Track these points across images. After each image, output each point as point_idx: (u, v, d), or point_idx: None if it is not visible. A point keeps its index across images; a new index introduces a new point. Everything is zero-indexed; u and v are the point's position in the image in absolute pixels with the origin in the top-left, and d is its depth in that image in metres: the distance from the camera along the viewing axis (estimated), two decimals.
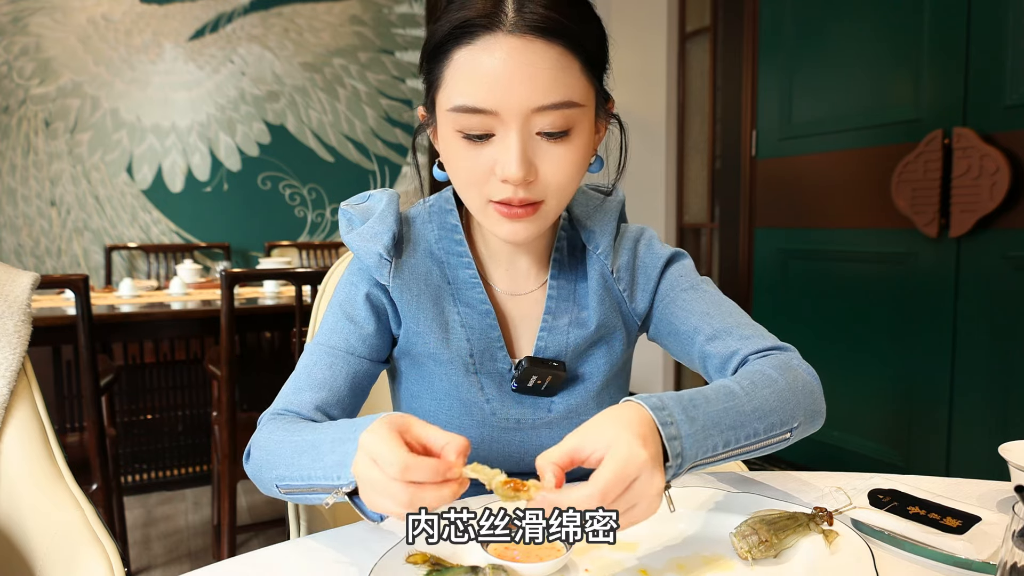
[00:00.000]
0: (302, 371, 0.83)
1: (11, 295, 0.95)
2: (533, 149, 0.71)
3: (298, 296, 1.93)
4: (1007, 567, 0.49)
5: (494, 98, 0.68)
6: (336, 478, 0.65)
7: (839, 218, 2.69)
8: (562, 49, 0.69)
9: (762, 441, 0.71)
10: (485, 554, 0.61)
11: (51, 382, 2.58)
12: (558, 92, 0.69)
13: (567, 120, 0.70)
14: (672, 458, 0.62)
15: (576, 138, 0.72)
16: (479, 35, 0.68)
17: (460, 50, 0.69)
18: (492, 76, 0.68)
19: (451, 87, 0.71)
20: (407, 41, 4.41)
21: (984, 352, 2.22)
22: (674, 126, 3.83)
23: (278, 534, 2.41)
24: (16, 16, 3.60)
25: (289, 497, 0.74)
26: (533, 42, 0.68)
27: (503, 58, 0.68)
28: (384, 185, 4.40)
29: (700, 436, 0.65)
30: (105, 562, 0.78)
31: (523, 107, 0.68)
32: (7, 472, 0.88)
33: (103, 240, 3.83)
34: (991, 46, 2.14)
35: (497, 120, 0.69)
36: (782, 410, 0.73)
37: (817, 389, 0.80)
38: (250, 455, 0.80)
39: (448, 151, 0.75)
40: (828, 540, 0.65)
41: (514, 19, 0.68)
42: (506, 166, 0.70)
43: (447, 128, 0.73)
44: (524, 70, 0.68)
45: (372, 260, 0.82)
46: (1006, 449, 0.80)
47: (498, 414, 0.85)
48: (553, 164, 0.72)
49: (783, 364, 0.78)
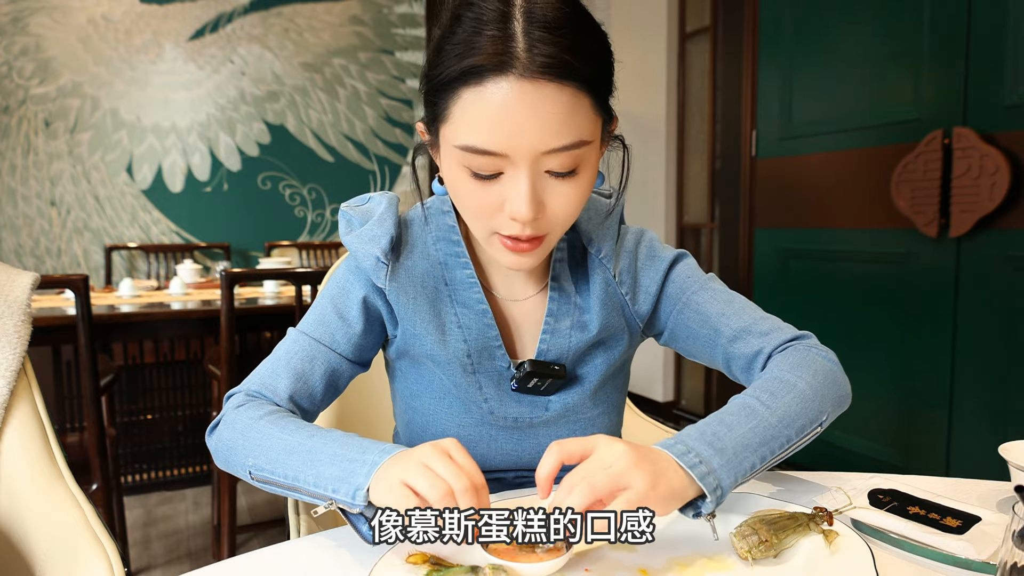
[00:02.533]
0: (281, 356, 0.84)
1: (11, 295, 0.95)
2: (542, 187, 0.71)
3: (298, 296, 1.93)
4: (1007, 567, 0.49)
5: (504, 142, 0.67)
6: (331, 491, 0.67)
7: (839, 218, 2.69)
8: (573, 90, 0.67)
9: (795, 444, 0.74)
10: (485, 554, 0.61)
11: (51, 382, 2.58)
12: (569, 134, 0.68)
13: (576, 159, 0.70)
14: (710, 493, 0.65)
15: (583, 173, 0.72)
16: (488, 77, 0.66)
17: (467, 90, 0.67)
18: (502, 120, 0.66)
19: (458, 125, 0.69)
20: (407, 41, 4.41)
21: (984, 352, 2.22)
22: (674, 126, 3.83)
23: (278, 534, 2.41)
24: (16, 16, 3.60)
25: (260, 485, 0.75)
26: (545, 85, 0.66)
27: (513, 102, 0.66)
28: (384, 185, 4.40)
29: (733, 463, 0.68)
30: (105, 562, 0.78)
31: (533, 150, 0.67)
32: (7, 472, 0.88)
33: (103, 240, 3.83)
34: (991, 46, 2.14)
35: (506, 161, 0.68)
36: (808, 411, 0.76)
37: (839, 373, 0.82)
38: (218, 431, 0.81)
39: (454, 182, 0.74)
40: (828, 540, 0.65)
41: (525, 61, 0.65)
42: (516, 207, 0.69)
43: (453, 160, 0.72)
44: (536, 114, 0.66)
45: (369, 263, 0.82)
46: (1006, 449, 0.80)
47: (496, 413, 0.86)
48: (561, 201, 0.72)
49: (800, 362, 0.79)
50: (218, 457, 0.80)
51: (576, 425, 0.88)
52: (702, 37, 3.68)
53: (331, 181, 4.29)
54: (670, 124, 3.82)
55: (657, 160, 3.87)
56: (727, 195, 3.40)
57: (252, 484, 0.77)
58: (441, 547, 0.64)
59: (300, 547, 0.70)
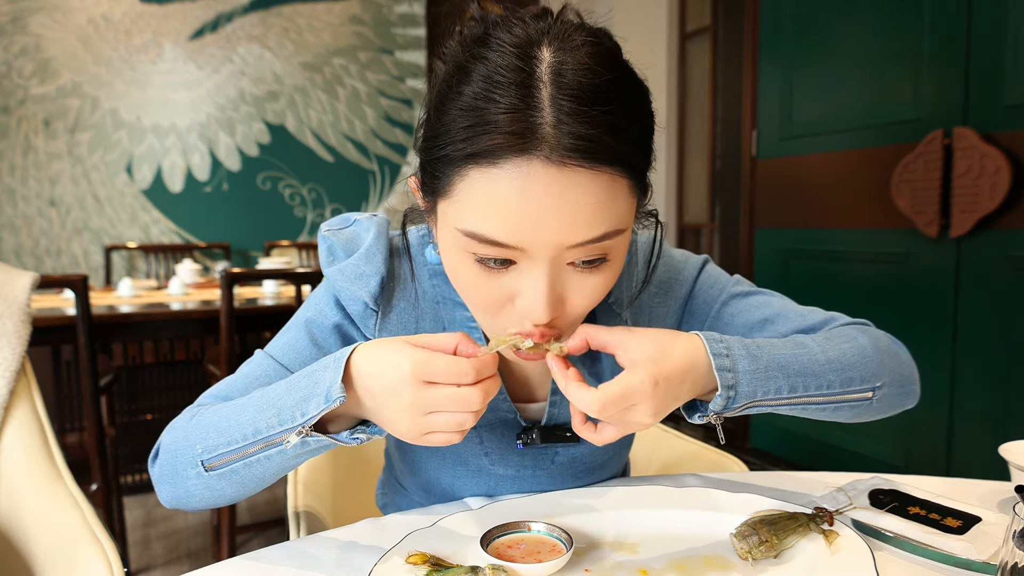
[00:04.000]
0: (241, 377, 0.73)
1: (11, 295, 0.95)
2: (562, 281, 0.58)
3: (298, 296, 1.93)
4: (1007, 567, 0.49)
5: (521, 235, 0.54)
6: (300, 415, 0.59)
7: (839, 218, 2.69)
8: (611, 175, 0.54)
9: (838, 395, 0.68)
10: (485, 554, 0.61)
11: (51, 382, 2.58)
12: (601, 226, 0.55)
13: (604, 249, 0.58)
14: (723, 388, 0.62)
15: (613, 261, 0.60)
16: (504, 157, 0.53)
17: (478, 169, 0.54)
18: (520, 210, 0.53)
19: (465, 207, 0.56)
20: (407, 41, 4.41)
21: (984, 352, 2.22)
22: (674, 126, 3.83)
23: (278, 534, 2.41)
24: (16, 16, 3.60)
25: (215, 475, 0.64)
26: (576, 172, 0.53)
27: (536, 191, 0.53)
28: (384, 185, 4.40)
29: (761, 376, 0.63)
30: (105, 562, 0.78)
31: (556, 245, 0.55)
32: (7, 472, 0.88)
33: (102, 240, 3.83)
34: (991, 46, 2.14)
35: (522, 254, 0.56)
36: (862, 366, 0.70)
37: (904, 355, 0.77)
38: (159, 451, 0.70)
39: (454, 266, 0.61)
40: (828, 540, 0.65)
41: (552, 141, 0.52)
42: (531, 305, 0.57)
43: (454, 243, 0.59)
44: (562, 205, 0.53)
45: (356, 308, 0.73)
46: (1006, 449, 0.80)
47: (497, 464, 0.78)
48: (584, 295, 0.60)
49: (867, 330, 0.76)
50: (163, 475, 0.68)
51: (582, 472, 0.82)
52: (702, 37, 3.68)
53: (331, 181, 4.29)
54: (670, 124, 3.82)
55: (657, 160, 3.87)
56: (727, 195, 3.40)
57: (207, 484, 0.65)
58: (441, 547, 0.64)
59: (300, 547, 0.70)
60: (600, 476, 0.85)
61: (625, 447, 0.90)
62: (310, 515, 0.97)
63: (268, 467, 0.63)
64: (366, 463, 1.14)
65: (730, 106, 3.37)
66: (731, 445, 3.20)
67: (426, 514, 0.75)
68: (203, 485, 0.66)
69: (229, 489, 0.66)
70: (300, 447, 0.60)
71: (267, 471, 0.64)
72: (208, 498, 0.67)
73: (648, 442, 1.21)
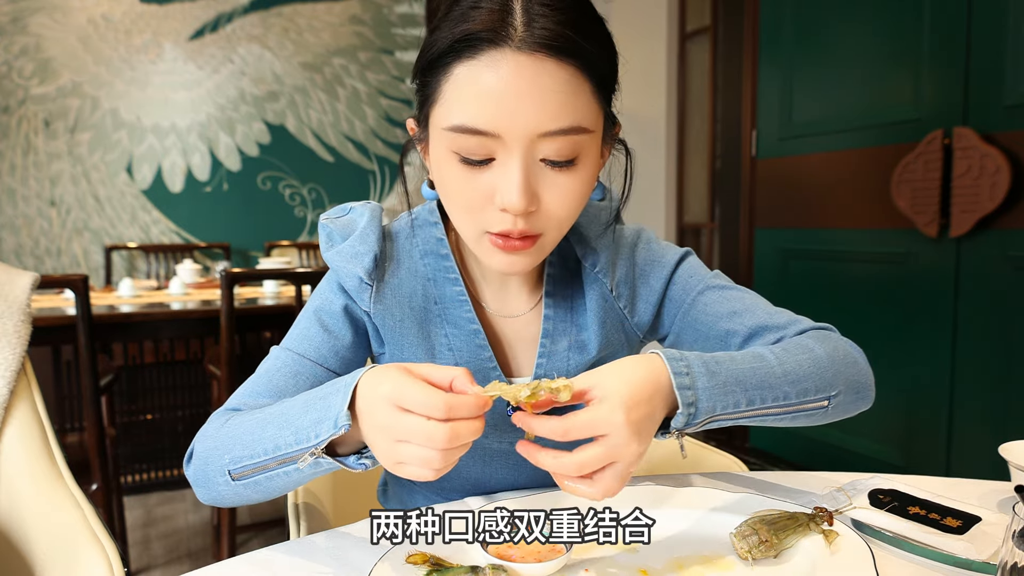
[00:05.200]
0: (263, 375, 0.77)
1: (11, 295, 0.95)
2: (536, 177, 0.66)
3: (298, 296, 1.93)
4: (1007, 567, 0.49)
5: (497, 120, 0.63)
6: (314, 436, 0.62)
7: (839, 218, 2.69)
8: (574, 70, 0.63)
9: (795, 406, 0.70)
10: (485, 554, 0.61)
11: (51, 382, 2.58)
12: (567, 117, 0.63)
13: (574, 147, 0.65)
14: (683, 407, 0.64)
15: (582, 167, 0.67)
16: (483, 50, 0.62)
17: (461, 65, 0.63)
18: (496, 96, 0.62)
19: (449, 104, 0.65)
20: (407, 41, 4.41)
21: (984, 352, 2.22)
22: (674, 126, 3.83)
23: (278, 534, 2.41)
24: (16, 16, 3.60)
25: (240, 484, 0.69)
26: (543, 61, 0.62)
27: (509, 77, 0.62)
28: (384, 184, 4.41)
29: (720, 391, 0.65)
30: (105, 562, 0.78)
31: (529, 131, 0.63)
32: (7, 472, 0.88)
33: (103, 240, 3.83)
34: (991, 46, 2.14)
35: (499, 143, 0.64)
36: (818, 376, 0.72)
37: (861, 361, 0.78)
38: (192, 456, 0.75)
39: (442, 173, 0.69)
40: (828, 540, 0.65)
41: (523, 34, 0.62)
42: (507, 195, 0.64)
43: (441, 147, 0.67)
44: (532, 91, 0.62)
45: (352, 283, 0.78)
46: (1006, 449, 0.80)
47: (490, 438, 0.80)
48: (557, 194, 0.67)
49: (824, 337, 0.77)
50: (200, 483, 0.74)
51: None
52: (702, 37, 3.68)
53: (331, 181, 4.29)
54: (670, 124, 3.82)
55: (657, 160, 3.87)
56: (727, 195, 3.40)
57: (235, 491, 0.70)
58: (441, 547, 0.64)
59: (300, 547, 0.70)
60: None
61: None
62: (310, 514, 0.98)
63: (287, 481, 0.68)
64: None
65: (730, 106, 3.37)
66: (731, 445, 3.20)
67: None
68: (231, 491, 0.71)
69: (255, 496, 0.71)
70: (313, 467, 0.64)
71: (287, 484, 0.69)
72: (237, 501, 0.73)
73: None
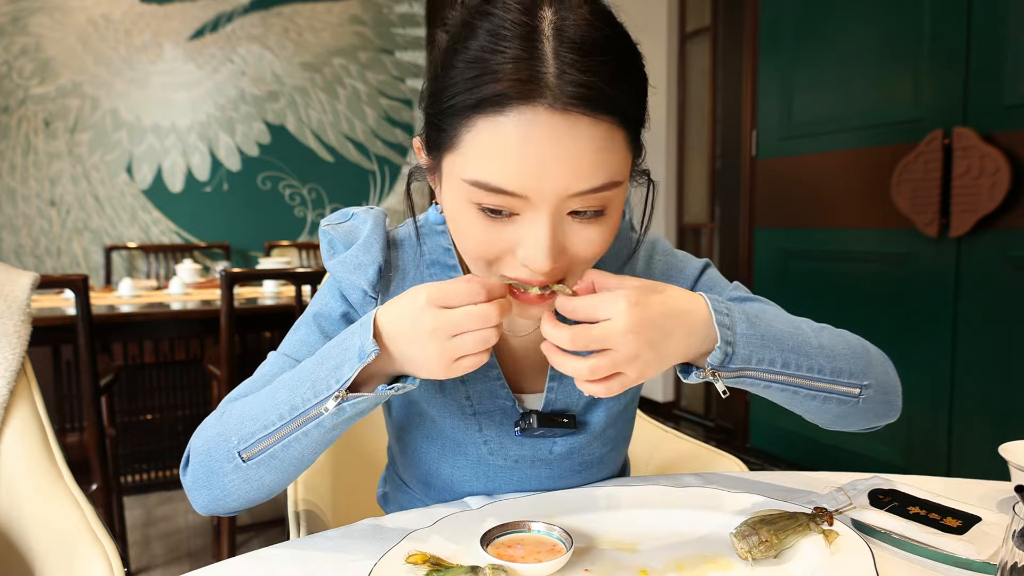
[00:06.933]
0: (258, 379, 0.74)
1: (11, 295, 0.95)
2: (563, 231, 0.61)
3: (298, 296, 1.93)
4: (1007, 567, 0.49)
5: (524, 181, 0.57)
6: (335, 382, 0.62)
7: (839, 218, 2.69)
8: (609, 123, 0.57)
9: (827, 383, 0.69)
10: (485, 554, 0.61)
11: (51, 382, 2.58)
12: (601, 175, 0.58)
13: (604, 200, 0.60)
14: (722, 343, 0.63)
15: (611, 215, 0.63)
16: (510, 105, 0.56)
17: (484, 119, 0.57)
18: (524, 156, 0.56)
19: (470, 157, 0.59)
20: (407, 41, 4.41)
21: (984, 352, 2.22)
22: (674, 126, 3.83)
23: (278, 534, 2.42)
24: (16, 16, 3.60)
25: (253, 464, 0.66)
26: (578, 119, 0.56)
27: (540, 138, 0.56)
28: (384, 185, 4.41)
29: (758, 342, 0.65)
30: (105, 562, 0.78)
31: (559, 193, 0.58)
32: (7, 472, 0.88)
33: (103, 240, 3.83)
34: (991, 46, 2.14)
35: (525, 203, 0.59)
36: (852, 360, 0.71)
37: (892, 370, 0.77)
38: (190, 456, 0.71)
39: (457, 217, 0.63)
40: (828, 540, 0.65)
41: (555, 89, 0.55)
42: (533, 254, 0.60)
43: (459, 194, 0.61)
44: (564, 152, 0.56)
45: (356, 296, 0.76)
46: (1006, 449, 0.80)
47: (496, 454, 0.79)
48: (584, 246, 0.62)
49: (856, 336, 0.77)
50: (197, 477, 0.70)
51: (581, 463, 0.82)
52: (702, 37, 3.68)
53: (331, 181, 4.29)
54: (670, 124, 3.82)
55: (657, 160, 3.87)
56: (727, 195, 3.40)
57: (244, 476, 0.67)
58: (441, 547, 0.64)
59: (300, 547, 0.70)
60: (599, 473, 0.85)
61: (623, 442, 0.90)
62: (310, 515, 0.98)
63: (306, 445, 0.65)
64: (366, 463, 1.14)
65: (730, 106, 3.37)
66: (731, 445, 3.20)
67: (426, 514, 0.75)
68: (241, 478, 0.67)
69: (268, 476, 0.68)
70: (336, 415, 0.63)
71: (305, 450, 0.66)
72: (246, 492, 0.69)
73: (648, 442, 1.21)
